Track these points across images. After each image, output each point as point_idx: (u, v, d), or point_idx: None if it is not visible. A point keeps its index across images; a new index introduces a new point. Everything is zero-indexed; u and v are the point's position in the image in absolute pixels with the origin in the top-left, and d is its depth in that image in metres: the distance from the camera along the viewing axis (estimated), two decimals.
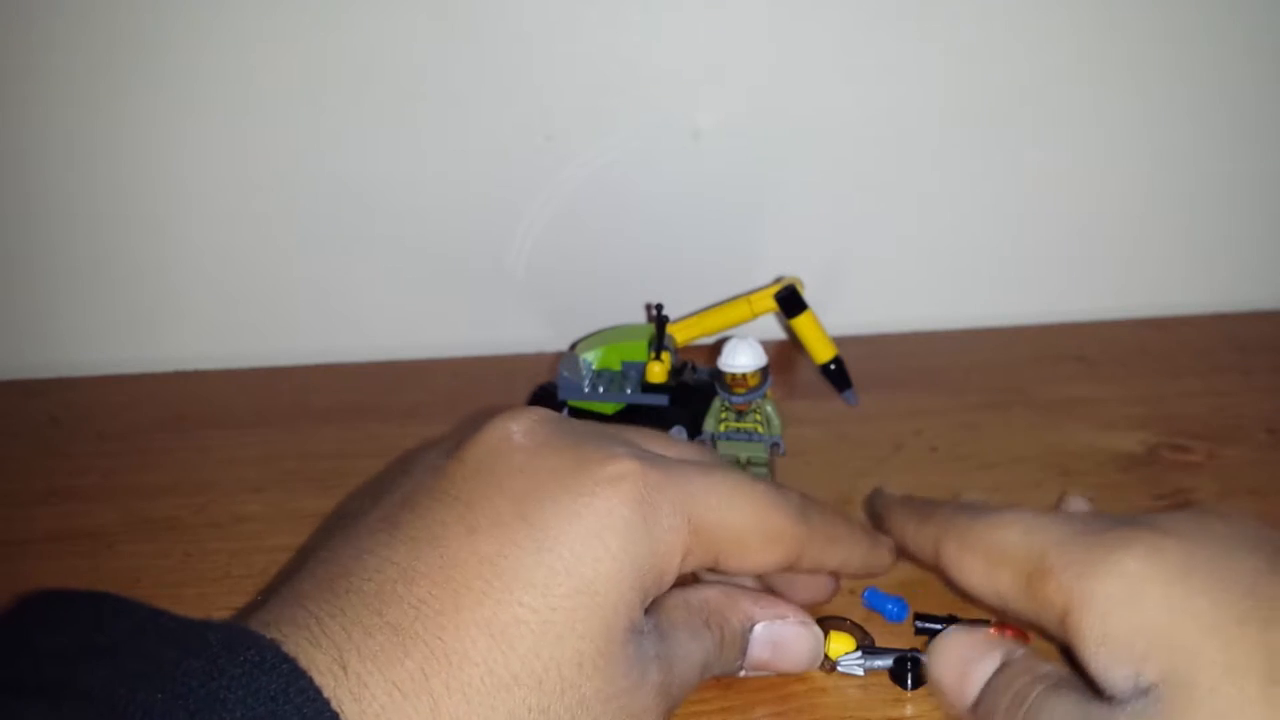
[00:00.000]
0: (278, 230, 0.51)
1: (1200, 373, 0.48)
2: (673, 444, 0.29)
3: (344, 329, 0.53)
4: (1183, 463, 0.41)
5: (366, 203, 0.51)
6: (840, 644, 0.30)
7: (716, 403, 0.39)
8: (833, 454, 0.42)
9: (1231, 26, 0.50)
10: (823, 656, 0.30)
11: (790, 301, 0.44)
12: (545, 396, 0.42)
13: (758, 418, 0.38)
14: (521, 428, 0.26)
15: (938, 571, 0.29)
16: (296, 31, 0.47)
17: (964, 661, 0.27)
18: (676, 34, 0.48)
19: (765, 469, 0.39)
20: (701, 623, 0.27)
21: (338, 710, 0.20)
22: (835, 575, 0.31)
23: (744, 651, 0.28)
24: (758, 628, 0.28)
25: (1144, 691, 0.22)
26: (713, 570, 0.27)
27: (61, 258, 0.51)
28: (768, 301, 0.45)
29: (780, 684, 0.30)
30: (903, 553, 0.32)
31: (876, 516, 0.34)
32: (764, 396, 0.38)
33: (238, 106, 0.48)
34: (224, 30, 0.47)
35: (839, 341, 0.45)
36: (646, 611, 0.25)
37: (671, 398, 0.40)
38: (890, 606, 0.32)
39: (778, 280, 0.46)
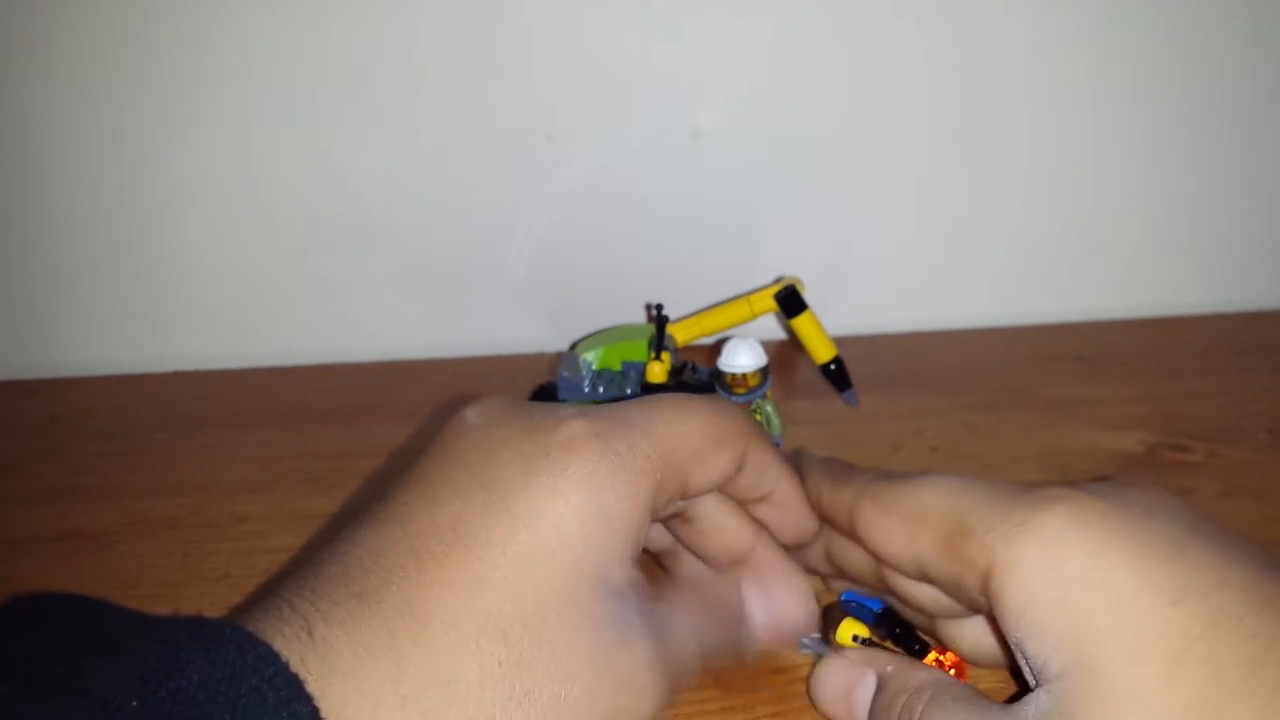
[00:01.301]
0: (278, 230, 0.51)
1: (1200, 373, 0.48)
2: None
3: (344, 329, 0.53)
4: (1183, 463, 0.41)
5: (367, 203, 0.51)
6: (850, 629, 0.29)
7: None
8: (833, 454, 0.42)
9: (1232, 27, 0.50)
10: (818, 616, 0.29)
11: (790, 301, 0.44)
12: (545, 396, 0.42)
13: (758, 417, 0.38)
14: (475, 410, 0.26)
15: (853, 537, 0.28)
16: (296, 32, 0.47)
17: (844, 689, 0.27)
18: (676, 34, 0.48)
19: None
20: (691, 595, 0.27)
21: (300, 670, 0.20)
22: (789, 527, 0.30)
23: (740, 620, 0.28)
24: (745, 586, 0.29)
25: (1051, 681, 0.22)
26: (682, 513, 0.28)
27: (61, 258, 0.51)
28: (768, 301, 0.45)
29: (780, 684, 0.30)
30: (820, 516, 0.30)
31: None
32: (764, 396, 0.38)
33: (238, 107, 0.48)
34: (224, 30, 0.47)
35: (839, 341, 0.45)
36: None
37: None
38: (870, 605, 0.31)
39: (778, 280, 0.46)
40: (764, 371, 0.38)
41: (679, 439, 0.26)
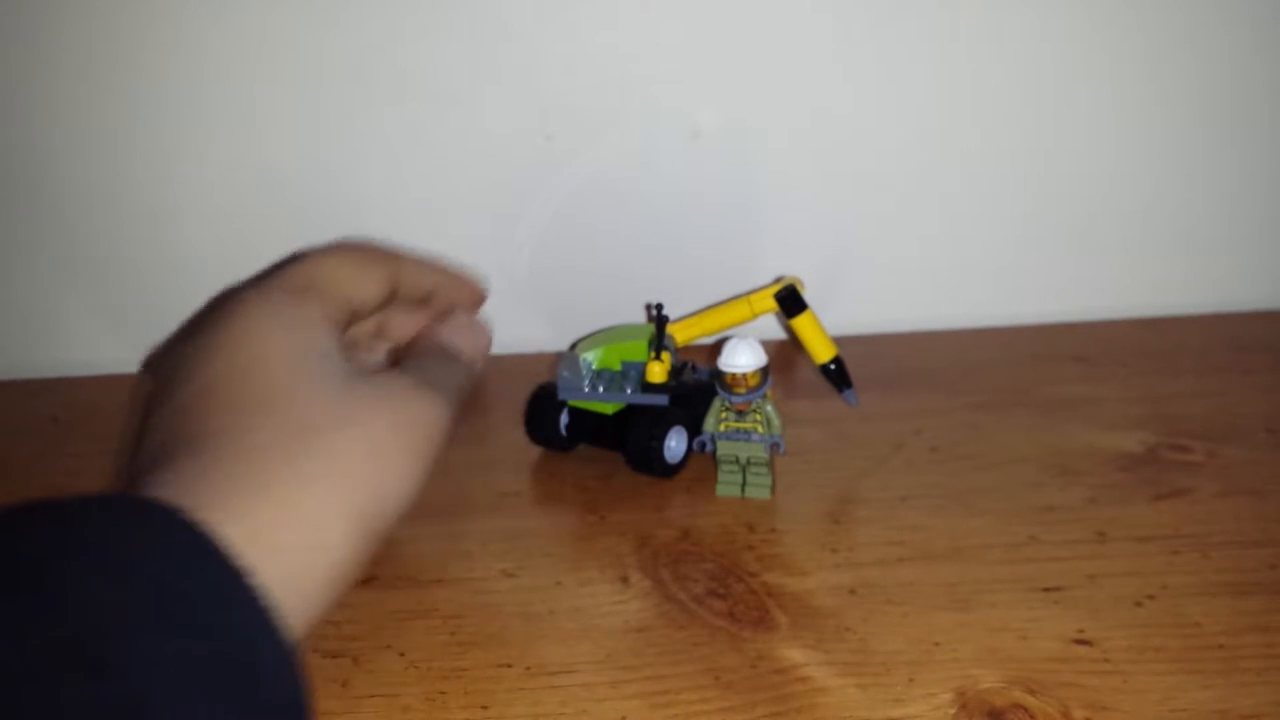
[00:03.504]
0: (278, 230, 0.51)
1: (1200, 373, 0.48)
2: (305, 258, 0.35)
3: None
4: (1183, 463, 0.41)
5: (366, 203, 0.51)
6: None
7: (717, 402, 0.39)
8: (833, 454, 0.42)
9: (1232, 27, 0.50)
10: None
11: (790, 301, 0.44)
12: (545, 396, 0.42)
13: (758, 417, 0.38)
14: (205, 312, 0.34)
15: None
16: (296, 32, 0.47)
17: None
18: (676, 34, 0.48)
19: (765, 469, 0.39)
20: (405, 354, 0.35)
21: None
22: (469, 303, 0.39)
23: (452, 353, 0.35)
24: (438, 329, 0.36)
25: None
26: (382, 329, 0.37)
27: (63, 257, 0.51)
28: (768, 301, 0.45)
29: (780, 684, 0.30)
30: None
31: None
32: (764, 396, 0.38)
33: (238, 107, 0.48)
34: (224, 30, 0.47)
35: (839, 341, 0.45)
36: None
37: (671, 398, 0.40)
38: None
39: (778, 280, 0.46)
40: (764, 371, 0.38)
41: (323, 271, 0.33)
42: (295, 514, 0.26)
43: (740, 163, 0.51)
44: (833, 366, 0.45)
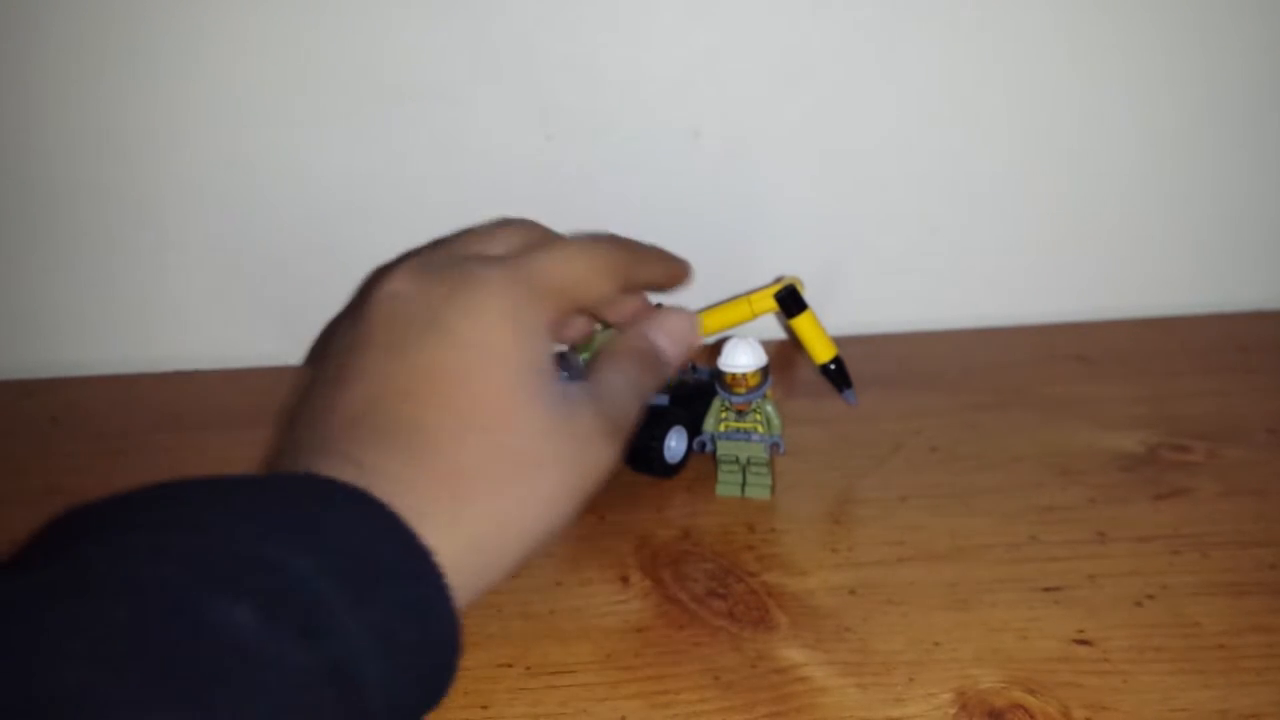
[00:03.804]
0: (278, 230, 0.51)
1: (1200, 373, 0.48)
2: (514, 230, 0.36)
3: None
4: (1183, 463, 0.41)
5: (366, 203, 0.51)
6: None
7: (716, 402, 0.39)
8: (833, 454, 0.42)
9: (1232, 26, 0.50)
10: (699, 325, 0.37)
11: (790, 301, 0.44)
12: None
13: (758, 417, 0.38)
14: (401, 280, 0.31)
15: None
16: (295, 32, 0.47)
17: None
18: (676, 34, 0.48)
19: (765, 468, 0.39)
20: (612, 353, 0.35)
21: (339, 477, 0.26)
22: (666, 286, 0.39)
23: (654, 353, 0.35)
24: (646, 326, 0.36)
25: None
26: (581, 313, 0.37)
27: (61, 257, 0.51)
28: (768, 301, 0.45)
29: (780, 684, 0.30)
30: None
31: None
32: (764, 396, 0.38)
33: (237, 106, 0.48)
34: (223, 30, 0.47)
35: (839, 341, 0.45)
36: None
37: (671, 397, 0.40)
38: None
39: (778, 280, 0.46)
40: (764, 371, 0.38)
41: (567, 275, 0.33)
42: (469, 538, 0.27)
43: (740, 163, 0.51)
44: (833, 366, 0.44)
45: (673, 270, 0.39)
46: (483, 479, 0.28)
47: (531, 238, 0.35)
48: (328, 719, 0.22)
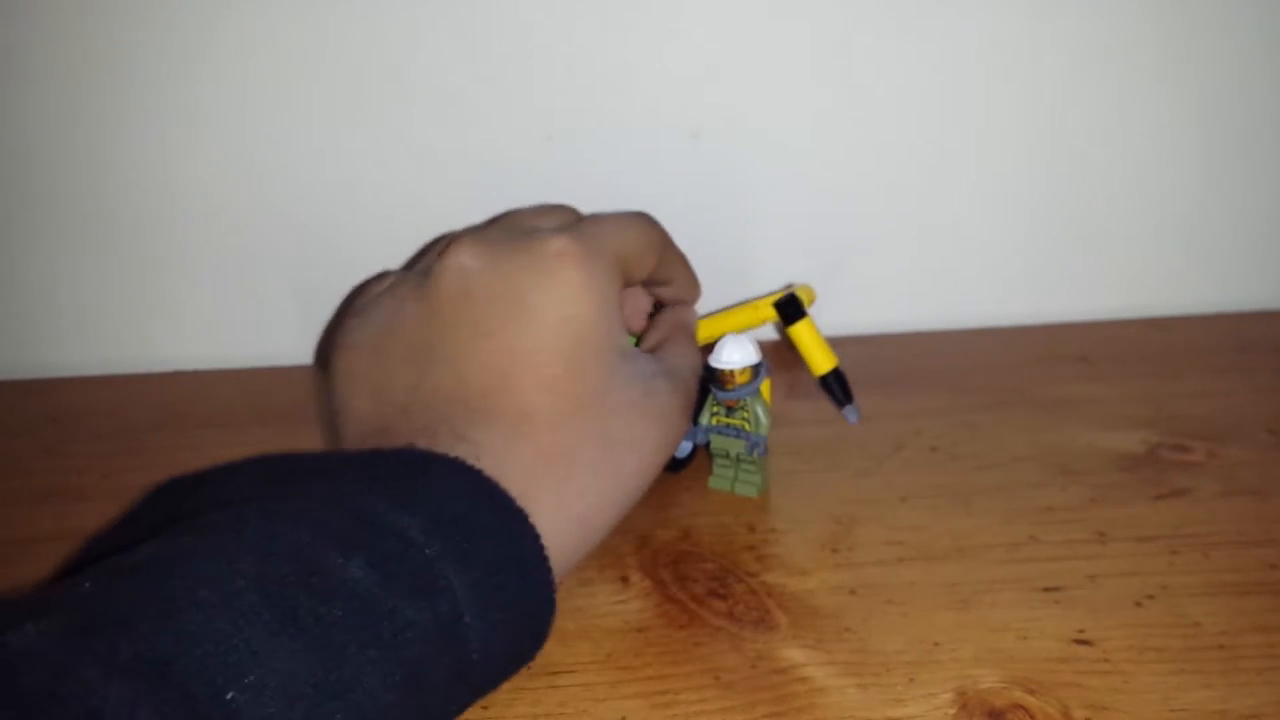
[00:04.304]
0: (277, 230, 0.51)
1: (1200, 373, 0.48)
2: (559, 212, 0.37)
3: None
4: (1183, 463, 0.41)
5: (366, 202, 0.51)
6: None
7: (710, 397, 0.39)
8: (833, 454, 0.42)
9: (1232, 26, 0.50)
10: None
11: (788, 309, 0.43)
12: None
13: (745, 415, 0.38)
14: (468, 255, 0.32)
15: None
16: (294, 32, 0.47)
17: None
18: (676, 34, 0.48)
19: (756, 467, 0.39)
20: (674, 337, 0.37)
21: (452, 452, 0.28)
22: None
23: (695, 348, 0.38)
24: (685, 312, 0.40)
25: None
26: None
27: (61, 257, 0.51)
28: (770, 309, 0.44)
29: (780, 684, 0.30)
30: None
31: None
32: (756, 395, 0.38)
33: (236, 106, 0.48)
34: (223, 30, 0.47)
35: (839, 342, 0.45)
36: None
37: None
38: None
39: (787, 286, 0.45)
40: (755, 369, 0.38)
41: (624, 245, 0.34)
42: (572, 512, 0.29)
43: (740, 163, 0.51)
44: (832, 379, 0.43)
45: (691, 279, 0.41)
46: (583, 459, 0.30)
47: (576, 215, 0.37)
48: (435, 669, 0.24)
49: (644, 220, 0.36)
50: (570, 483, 0.29)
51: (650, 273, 0.36)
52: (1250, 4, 0.49)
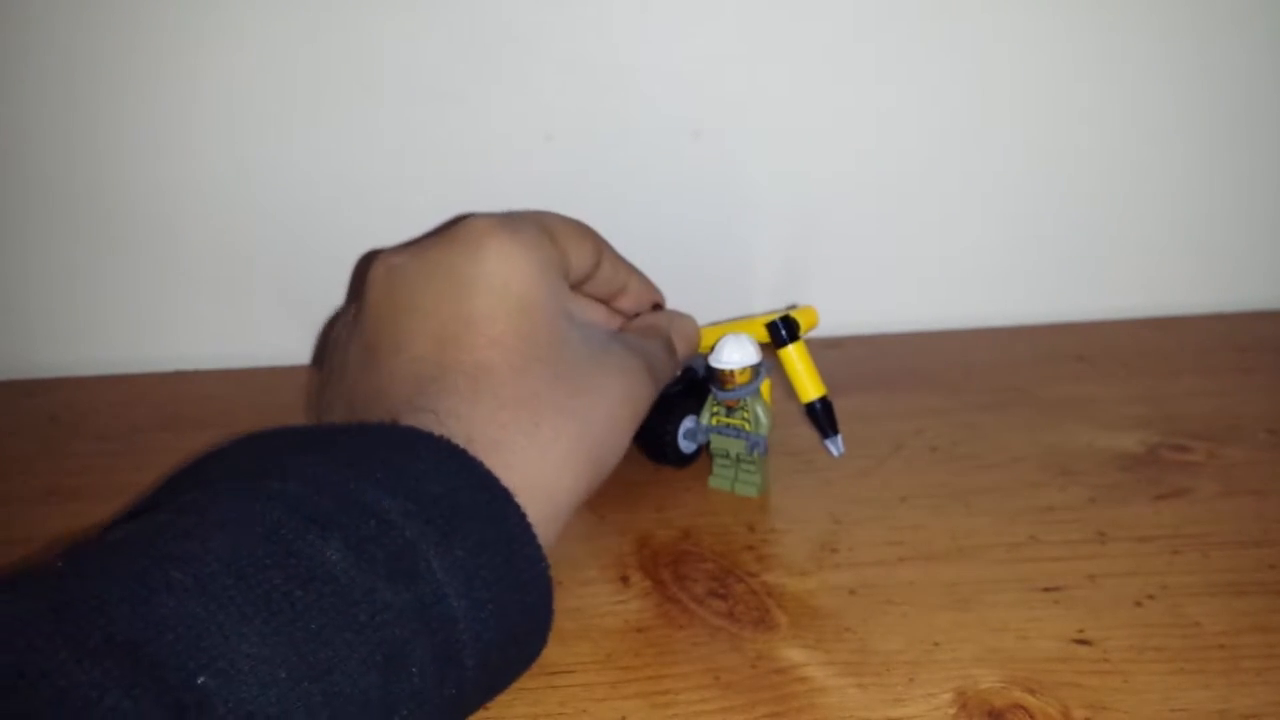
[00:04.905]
0: (278, 230, 0.51)
1: (1200, 373, 0.48)
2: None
3: None
4: (1183, 463, 0.41)
5: (366, 202, 0.51)
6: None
7: (710, 396, 0.39)
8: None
9: (1232, 26, 0.50)
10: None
11: (778, 331, 0.40)
12: None
13: (745, 415, 0.38)
14: (395, 259, 0.33)
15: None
16: (295, 33, 0.47)
17: None
18: (676, 34, 0.48)
19: (756, 467, 0.39)
20: (642, 330, 0.38)
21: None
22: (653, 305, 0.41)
23: (670, 348, 0.38)
24: (663, 319, 0.39)
25: None
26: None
27: (62, 257, 0.51)
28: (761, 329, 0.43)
29: (780, 684, 0.30)
30: None
31: None
32: (756, 395, 0.38)
33: (237, 106, 0.48)
34: (223, 30, 0.47)
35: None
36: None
37: (686, 389, 0.40)
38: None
39: (791, 306, 0.44)
40: (755, 369, 0.38)
41: (552, 224, 0.34)
42: (550, 457, 0.29)
43: (740, 163, 0.51)
44: (818, 407, 0.40)
45: (645, 283, 0.40)
46: (549, 403, 0.30)
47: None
48: (417, 653, 0.23)
49: (574, 219, 0.36)
50: (540, 428, 0.29)
51: (592, 269, 0.36)
52: (1253, 3, 0.49)
